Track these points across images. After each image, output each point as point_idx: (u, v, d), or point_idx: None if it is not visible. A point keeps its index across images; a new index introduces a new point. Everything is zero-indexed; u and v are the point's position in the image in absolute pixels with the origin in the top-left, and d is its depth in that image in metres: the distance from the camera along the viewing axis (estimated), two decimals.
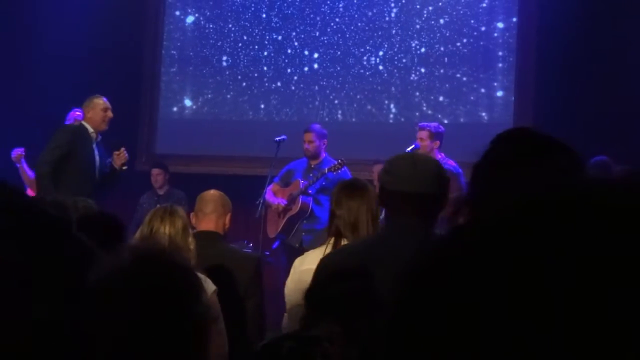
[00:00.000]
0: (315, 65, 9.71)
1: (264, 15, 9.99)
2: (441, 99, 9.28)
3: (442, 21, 9.32)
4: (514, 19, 9.08)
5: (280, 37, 9.88)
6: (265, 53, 9.93)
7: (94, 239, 3.02)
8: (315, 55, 9.73)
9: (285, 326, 3.46)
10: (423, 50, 9.35)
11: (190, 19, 10.28)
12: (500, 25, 9.15)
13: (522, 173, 1.46)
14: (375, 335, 2.00)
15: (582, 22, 8.26)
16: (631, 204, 0.64)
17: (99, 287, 1.54)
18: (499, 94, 9.11)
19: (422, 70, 9.33)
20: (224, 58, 10.05)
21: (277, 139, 7.78)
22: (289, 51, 9.83)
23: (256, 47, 9.95)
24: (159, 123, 10.16)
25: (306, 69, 9.76)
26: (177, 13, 10.35)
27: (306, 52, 9.79)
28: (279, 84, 9.81)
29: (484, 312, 0.64)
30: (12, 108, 9.43)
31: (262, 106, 9.82)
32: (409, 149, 7.28)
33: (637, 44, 8.06)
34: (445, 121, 8.92)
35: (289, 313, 3.48)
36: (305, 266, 3.45)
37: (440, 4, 9.33)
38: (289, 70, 9.79)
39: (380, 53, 9.50)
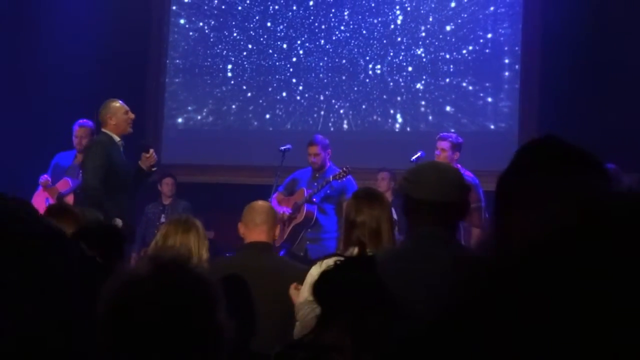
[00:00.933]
0: (321, 75, 9.77)
1: (269, 24, 10.05)
2: (447, 107, 9.33)
3: (448, 28, 9.37)
4: (520, 26, 9.12)
5: (285, 46, 9.94)
6: (270, 62, 9.98)
7: (94, 248, 3.08)
8: (321, 64, 9.78)
9: (298, 334, 3.46)
10: (429, 57, 9.39)
11: (195, 28, 10.33)
12: (505, 32, 9.19)
13: (548, 185, 1.48)
14: (391, 338, 2.04)
15: (586, 30, 8.32)
16: None
17: (119, 298, 1.58)
18: (505, 102, 9.14)
19: (428, 78, 9.37)
20: (229, 67, 10.12)
21: (282, 148, 7.84)
22: (294, 59, 9.89)
23: (261, 56, 10.01)
24: (164, 133, 10.22)
25: (311, 78, 9.81)
26: (182, 22, 10.41)
27: (311, 62, 9.84)
28: (284, 94, 9.86)
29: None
30: (18, 117, 9.48)
31: (268, 116, 9.88)
32: (414, 157, 7.33)
33: None
34: (452, 130, 8.97)
35: (302, 321, 3.49)
36: None
37: (445, 10, 9.38)
38: (294, 80, 9.85)
39: (386, 61, 9.55)
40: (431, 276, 2.60)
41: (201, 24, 10.34)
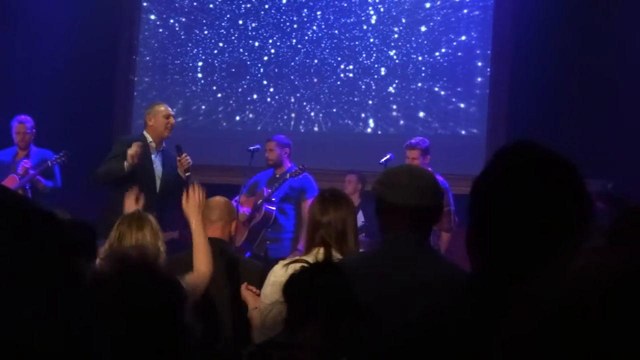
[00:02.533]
0: (292, 77, 9.79)
1: (240, 22, 10.06)
2: (417, 111, 9.38)
3: (422, 29, 9.42)
4: (490, 31, 9.20)
5: (257, 44, 9.96)
6: (241, 61, 10.00)
7: (63, 243, 3.09)
8: (292, 64, 9.81)
9: (261, 334, 3.43)
10: (401, 60, 9.44)
11: (165, 25, 10.32)
12: (477, 36, 9.26)
13: (522, 191, 1.50)
14: (361, 342, 2.10)
15: (556, 36, 8.43)
16: None
17: (89, 298, 1.61)
18: (475, 107, 9.20)
19: (399, 82, 9.43)
20: (199, 66, 10.12)
21: (251, 148, 7.88)
22: (265, 58, 9.90)
23: (232, 54, 10.03)
24: (133, 131, 10.20)
25: (282, 78, 9.83)
26: (153, 17, 10.39)
27: (282, 62, 9.86)
28: (255, 96, 9.88)
29: None
30: None
31: (237, 118, 9.90)
32: (383, 159, 7.41)
33: (611, 56, 8.24)
34: (421, 129, 9.07)
35: (265, 321, 3.47)
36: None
37: (419, 12, 9.43)
38: (265, 82, 9.87)
39: (358, 63, 9.58)
40: (404, 281, 2.65)
41: (172, 21, 10.33)
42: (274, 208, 7.50)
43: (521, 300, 1.00)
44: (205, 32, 10.18)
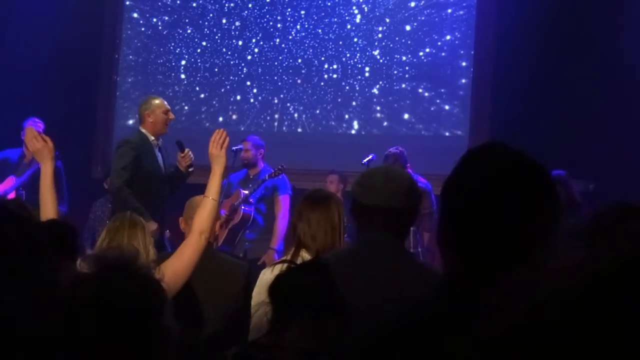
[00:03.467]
0: (275, 77, 9.80)
1: (224, 21, 10.07)
2: (401, 112, 9.40)
3: (407, 28, 9.44)
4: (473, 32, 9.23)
5: (240, 43, 9.97)
6: (224, 61, 10.01)
7: (43, 244, 3.09)
8: (276, 63, 9.82)
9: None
10: (385, 60, 9.47)
11: (148, 24, 10.31)
12: (461, 36, 9.28)
13: (490, 191, 1.52)
14: (345, 342, 2.12)
15: (539, 38, 8.49)
16: None
17: (65, 298, 1.62)
18: (459, 108, 9.23)
19: (383, 82, 9.45)
20: (182, 65, 10.12)
21: (234, 148, 7.89)
22: (249, 58, 9.91)
23: (215, 54, 10.04)
24: (115, 132, 10.20)
25: (265, 79, 9.84)
26: (136, 15, 10.39)
27: (266, 61, 9.87)
28: (238, 97, 9.89)
29: None
30: None
31: (221, 119, 9.91)
32: (366, 159, 7.44)
33: (594, 58, 8.31)
34: (404, 129, 9.10)
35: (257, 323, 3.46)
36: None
37: (403, 12, 9.46)
38: (248, 83, 9.88)
39: (342, 63, 9.61)
40: (376, 282, 2.67)
41: (155, 19, 10.32)
42: (251, 209, 7.52)
43: (493, 301, 1.02)
44: (189, 31, 10.19)
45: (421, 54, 9.38)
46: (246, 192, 7.48)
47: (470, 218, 1.52)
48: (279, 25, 9.92)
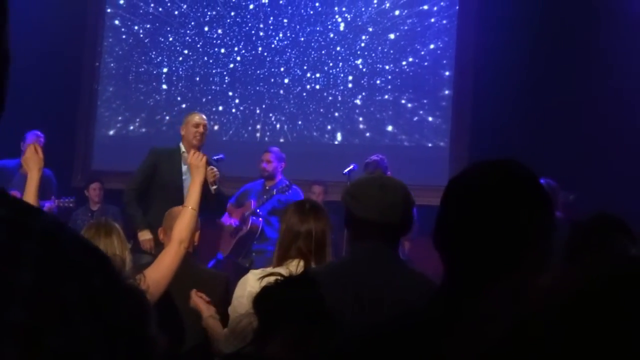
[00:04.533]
0: (257, 87, 9.81)
1: (206, 29, 10.08)
2: (384, 123, 9.42)
3: (391, 36, 9.48)
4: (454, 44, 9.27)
5: (223, 50, 9.98)
6: (206, 70, 10.01)
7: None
8: (258, 72, 9.83)
9: (227, 344, 3.41)
10: (367, 69, 9.51)
11: (129, 32, 10.31)
12: (443, 46, 9.32)
13: (486, 202, 1.55)
14: (328, 354, 2.13)
15: (519, 50, 8.55)
16: None
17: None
18: (441, 119, 9.26)
19: (366, 93, 9.48)
20: (164, 74, 10.11)
21: (215, 157, 7.90)
22: (231, 66, 9.92)
23: (197, 63, 10.04)
24: (96, 140, 10.18)
25: (247, 88, 9.84)
26: (117, 22, 10.38)
27: (247, 70, 9.88)
28: (220, 108, 9.90)
29: None
30: None
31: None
32: (346, 170, 7.49)
33: (576, 67, 8.39)
34: (387, 140, 9.14)
35: (233, 331, 3.45)
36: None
37: (386, 21, 9.50)
38: (230, 93, 9.89)
39: (324, 72, 9.63)
40: (372, 292, 2.68)
41: (136, 27, 10.32)
42: (260, 220, 7.57)
43: (477, 316, 1.04)
44: (170, 39, 10.19)
45: (404, 63, 9.42)
46: (257, 203, 7.52)
47: (462, 225, 1.55)
48: (261, 34, 9.94)
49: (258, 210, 7.52)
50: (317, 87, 9.68)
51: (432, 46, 9.38)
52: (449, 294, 1.51)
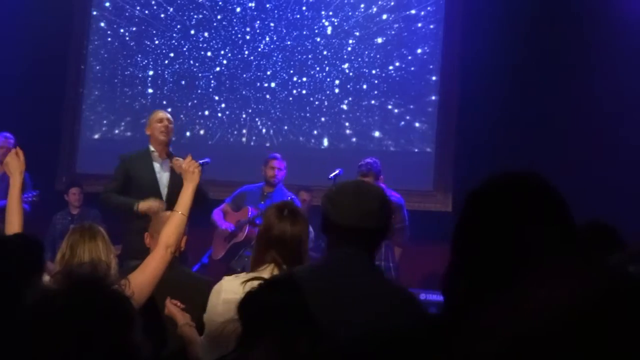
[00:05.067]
0: (244, 92, 9.80)
1: (192, 32, 10.06)
2: (370, 127, 9.42)
3: (379, 40, 9.48)
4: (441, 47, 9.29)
5: (209, 54, 9.95)
6: (192, 74, 9.99)
7: (10, 259, 3.08)
8: (244, 76, 9.82)
9: (209, 350, 3.40)
10: (354, 73, 9.51)
11: (115, 35, 10.28)
12: (430, 50, 9.33)
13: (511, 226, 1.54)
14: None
15: (504, 59, 8.58)
16: None
17: (35, 314, 1.62)
18: (427, 124, 9.26)
19: (352, 97, 9.47)
20: (149, 78, 10.08)
21: (201, 161, 7.85)
22: (217, 69, 9.90)
23: (183, 66, 10.02)
24: (81, 143, 10.15)
25: (233, 92, 9.83)
26: (103, 24, 10.34)
27: (234, 74, 9.87)
28: (206, 112, 9.88)
29: None
30: None
31: (188, 134, 9.88)
32: (332, 174, 7.48)
33: (561, 73, 8.42)
34: (373, 146, 9.14)
35: (212, 337, 3.43)
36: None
37: (372, 25, 9.50)
38: (216, 97, 9.87)
39: (310, 76, 9.62)
40: (347, 298, 2.68)
41: (122, 30, 10.29)
42: (256, 230, 7.54)
43: (477, 330, 1.03)
44: (156, 42, 10.16)
45: (391, 68, 9.42)
46: (255, 213, 7.50)
47: (473, 231, 1.55)
48: (247, 38, 9.93)
49: (257, 221, 7.51)
50: (304, 91, 9.68)
51: (419, 51, 9.38)
52: (452, 307, 1.50)
